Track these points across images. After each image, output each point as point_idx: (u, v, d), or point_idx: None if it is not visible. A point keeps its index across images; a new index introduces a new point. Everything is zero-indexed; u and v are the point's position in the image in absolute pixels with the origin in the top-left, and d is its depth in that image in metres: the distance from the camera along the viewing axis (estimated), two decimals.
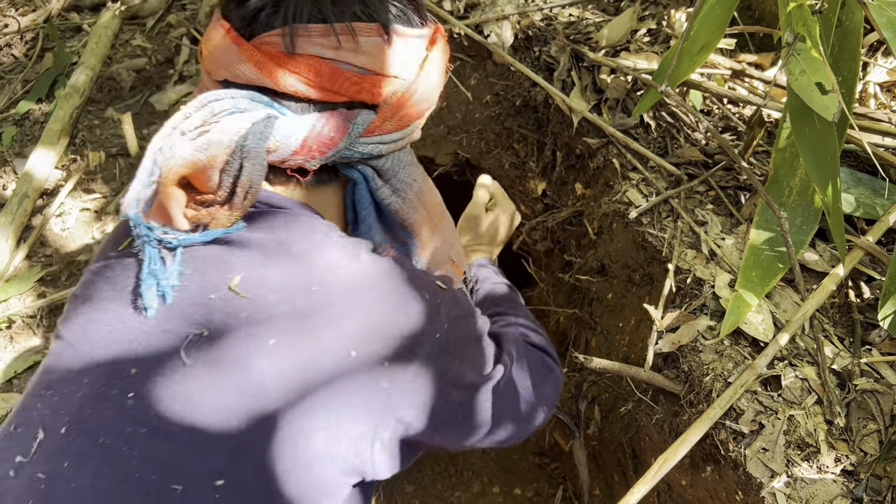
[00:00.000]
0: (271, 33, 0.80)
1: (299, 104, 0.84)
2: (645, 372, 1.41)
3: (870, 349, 1.29)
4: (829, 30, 1.30)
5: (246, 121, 0.78)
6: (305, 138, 0.82)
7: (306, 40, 0.80)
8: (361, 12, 0.83)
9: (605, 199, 1.74)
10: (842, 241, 1.32)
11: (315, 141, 0.83)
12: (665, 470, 1.18)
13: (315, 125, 0.83)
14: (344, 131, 0.84)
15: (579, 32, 1.99)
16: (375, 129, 0.88)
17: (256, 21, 0.81)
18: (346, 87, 0.84)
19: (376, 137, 0.89)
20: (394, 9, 0.87)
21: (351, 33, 0.82)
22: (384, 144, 0.90)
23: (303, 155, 0.83)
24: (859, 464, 1.13)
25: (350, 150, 0.87)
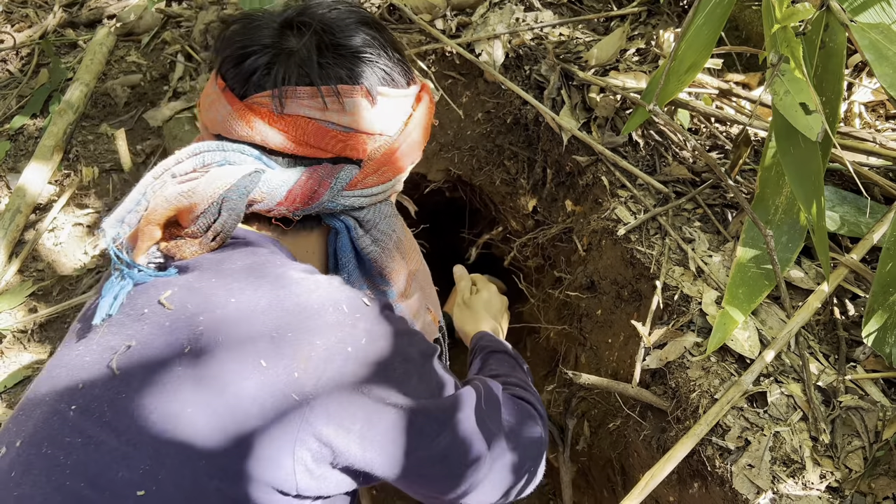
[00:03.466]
0: (262, 94, 0.87)
1: (286, 159, 0.90)
2: (633, 388, 1.42)
3: (854, 366, 1.30)
4: (812, 51, 1.32)
5: (233, 174, 0.84)
6: (290, 191, 0.88)
7: (294, 102, 0.87)
8: (347, 76, 0.89)
9: (595, 216, 1.76)
10: (826, 258, 1.33)
11: (299, 193, 0.88)
12: (652, 486, 1.18)
13: (299, 179, 0.88)
14: (327, 185, 0.90)
15: (569, 52, 2.02)
16: (358, 184, 0.93)
17: (249, 82, 0.87)
18: (332, 145, 0.90)
19: (358, 191, 0.93)
20: (380, 71, 0.92)
21: (336, 95, 0.88)
22: (366, 197, 0.95)
23: (287, 206, 0.88)
24: (844, 480, 1.14)
25: (333, 203, 0.91)
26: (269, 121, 0.87)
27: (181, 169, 0.86)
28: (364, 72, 0.91)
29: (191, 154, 0.87)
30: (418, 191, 2.45)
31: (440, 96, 2.11)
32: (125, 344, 0.76)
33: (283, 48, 0.88)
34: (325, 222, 0.97)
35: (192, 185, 0.83)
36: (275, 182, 0.87)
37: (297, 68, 0.87)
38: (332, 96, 0.88)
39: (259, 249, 0.87)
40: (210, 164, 0.86)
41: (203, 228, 0.83)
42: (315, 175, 0.89)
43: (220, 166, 0.86)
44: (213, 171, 0.85)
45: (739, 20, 1.95)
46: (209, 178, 0.83)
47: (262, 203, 0.87)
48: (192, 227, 0.83)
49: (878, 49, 1.21)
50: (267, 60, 0.87)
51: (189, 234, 0.84)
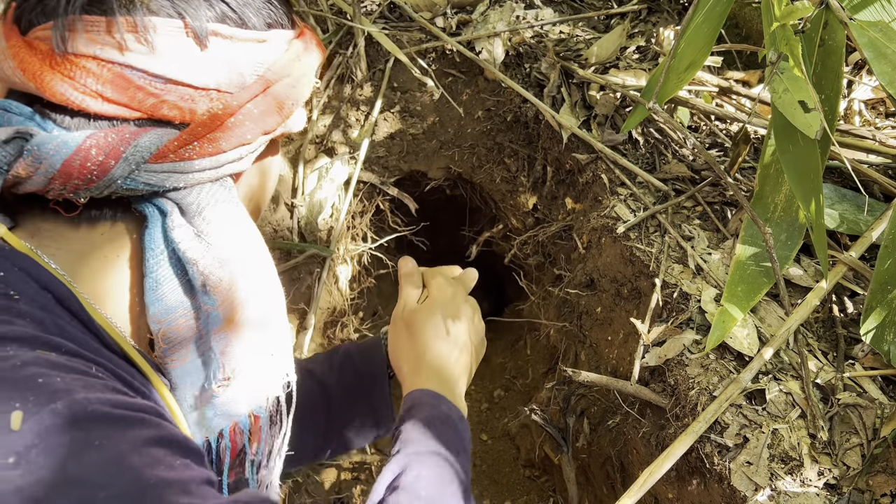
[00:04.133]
0: (44, 27, 0.63)
1: (76, 119, 0.65)
2: (632, 385, 1.42)
3: (853, 363, 1.31)
4: (811, 49, 1.32)
5: None
6: (66, 162, 0.62)
7: (82, 37, 0.63)
8: (163, 6, 0.65)
9: (594, 214, 1.76)
10: (825, 256, 1.33)
11: (78, 166, 0.62)
12: (651, 483, 1.19)
13: (81, 146, 0.62)
14: (119, 153, 0.63)
15: (569, 50, 2.02)
16: (170, 154, 0.66)
17: (34, 11, 0.64)
18: (139, 100, 0.65)
19: (171, 164, 0.67)
20: (221, 4, 0.68)
21: (143, 30, 0.64)
22: (183, 174, 0.68)
23: (62, 182, 0.62)
24: (842, 477, 1.15)
25: (132, 180, 0.65)
26: (51, 62, 0.63)
27: None
28: (192, 2, 0.66)
29: None
30: (418, 188, 2.45)
31: (441, 94, 2.11)
32: None
33: None
34: (134, 207, 0.69)
35: None
36: (46, 149, 0.61)
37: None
38: (134, 31, 0.63)
39: None
40: None
41: None
42: (103, 140, 0.63)
43: None
44: None
45: (739, 18, 1.95)
46: None
47: (32, 180, 0.62)
48: None
49: (876, 47, 1.21)
50: None
51: None
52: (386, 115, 2.19)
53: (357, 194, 2.26)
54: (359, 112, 2.19)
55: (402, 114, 2.20)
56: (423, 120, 2.21)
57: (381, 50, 2.09)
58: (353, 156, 2.17)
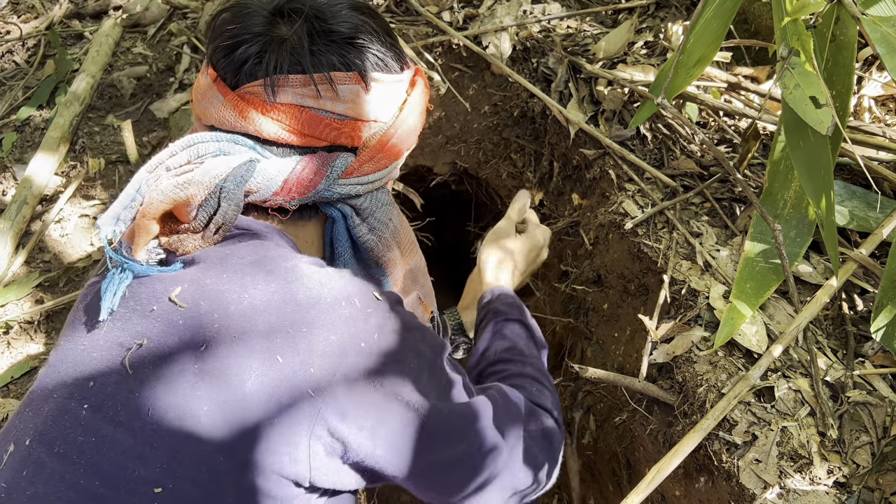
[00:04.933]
0: (254, 83, 0.86)
1: (281, 148, 0.89)
2: (639, 382, 1.41)
3: (863, 361, 1.30)
4: (823, 44, 1.31)
5: (228, 164, 0.83)
6: (286, 181, 0.87)
7: (286, 90, 0.86)
8: (339, 62, 0.88)
9: (602, 210, 1.75)
10: (835, 253, 1.32)
11: (295, 183, 0.87)
12: (658, 480, 1.18)
13: (295, 168, 0.87)
14: (323, 174, 0.89)
15: (577, 44, 2.01)
16: (354, 171, 0.92)
17: (241, 72, 0.86)
18: (326, 133, 0.89)
19: (354, 179, 0.93)
20: (372, 57, 0.91)
21: (329, 83, 0.87)
22: (362, 185, 0.94)
23: (283, 196, 0.88)
24: (852, 476, 1.14)
25: (329, 191, 0.91)
26: (262, 110, 0.86)
27: (175, 161, 0.85)
28: (356, 58, 0.89)
29: (185, 146, 0.86)
30: (424, 184, 2.44)
31: (447, 89, 2.10)
32: (136, 341, 0.75)
33: (275, 36, 0.87)
34: (321, 211, 0.96)
35: (187, 177, 0.82)
36: (270, 172, 0.86)
37: (288, 56, 0.86)
38: (324, 83, 0.87)
39: (265, 242, 0.86)
40: (204, 154, 0.85)
41: (204, 221, 0.83)
42: (311, 164, 0.89)
43: (215, 157, 0.85)
44: (207, 161, 0.84)
45: (748, 13, 1.94)
46: (204, 169, 0.82)
47: (258, 193, 0.86)
48: (192, 221, 0.82)
49: (889, 42, 1.20)
50: (258, 49, 0.86)
51: (191, 229, 0.83)
52: None
53: None
54: None
55: None
56: (428, 114, 2.20)
57: None
58: None
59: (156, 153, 0.99)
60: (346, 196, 0.93)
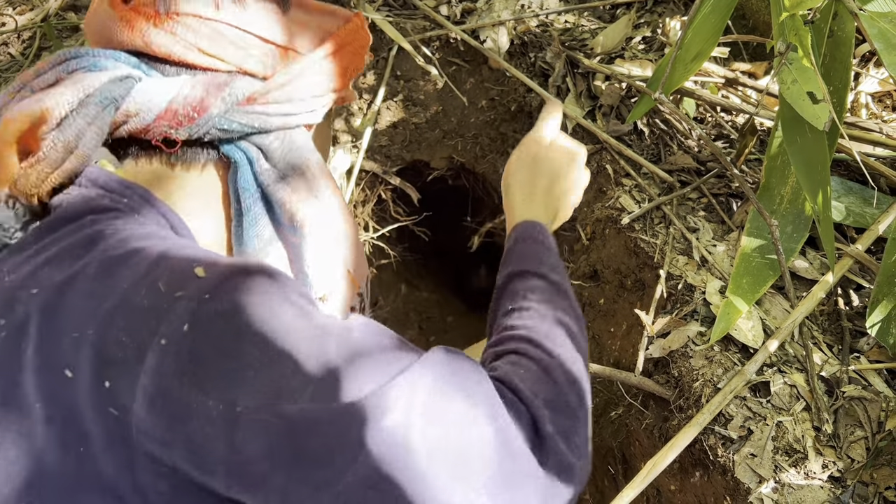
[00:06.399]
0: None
1: (174, 68, 0.74)
2: (635, 377, 1.42)
3: (858, 357, 1.30)
4: (820, 40, 1.31)
5: (99, 78, 0.68)
6: (171, 101, 0.71)
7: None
8: None
9: (598, 205, 1.75)
10: (831, 249, 1.33)
11: (182, 104, 0.72)
12: (654, 475, 1.18)
13: (183, 87, 0.72)
14: (218, 94, 0.73)
15: (575, 39, 2.01)
16: (258, 98, 0.75)
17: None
18: (230, 52, 0.74)
19: (260, 107, 0.76)
20: None
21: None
22: (270, 117, 0.77)
23: (167, 121, 0.72)
24: (846, 470, 1.14)
25: (227, 120, 0.74)
26: (155, 21, 0.72)
27: (42, 81, 0.70)
28: None
29: (55, 62, 0.71)
30: (421, 178, 2.44)
31: (444, 83, 2.10)
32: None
33: None
34: (222, 152, 0.78)
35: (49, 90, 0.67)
36: (154, 90, 0.70)
37: None
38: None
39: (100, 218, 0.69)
40: (76, 70, 0.70)
41: (55, 145, 0.66)
42: (203, 82, 0.73)
43: (88, 72, 0.70)
44: (77, 75, 0.69)
45: (746, 9, 1.94)
46: (69, 81, 0.68)
47: (137, 118, 0.71)
48: (43, 144, 0.66)
49: (886, 38, 1.20)
50: None
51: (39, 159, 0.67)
52: (389, 103, 2.18)
53: (359, 183, 2.25)
54: (361, 100, 2.18)
55: (406, 102, 2.18)
56: (426, 109, 2.20)
57: (385, 38, 2.08)
58: (355, 144, 2.16)
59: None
60: (250, 129, 0.76)
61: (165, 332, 0.58)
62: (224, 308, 0.59)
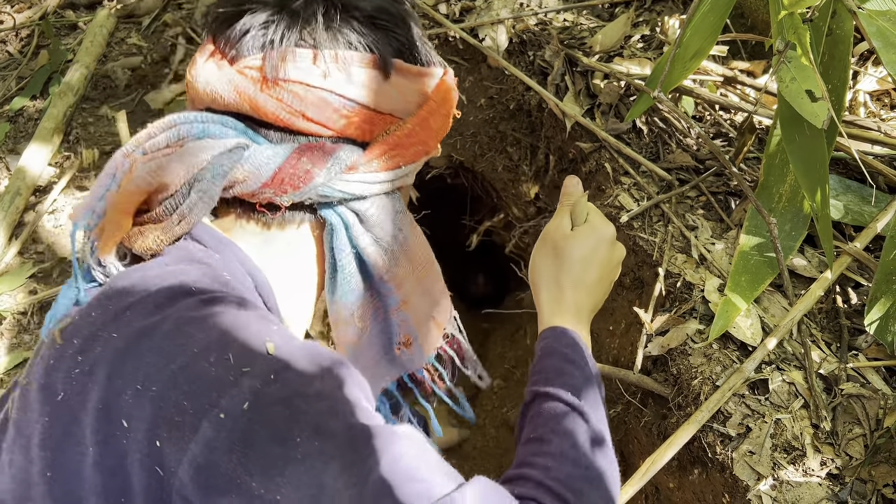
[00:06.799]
0: (256, 57, 0.74)
1: (279, 133, 0.76)
2: (634, 375, 1.42)
3: (856, 354, 1.30)
4: (819, 38, 1.31)
5: (211, 150, 0.71)
6: (279, 169, 0.73)
7: (292, 66, 0.73)
8: (358, 42, 0.76)
9: (597, 204, 1.76)
10: (830, 247, 1.33)
11: (289, 173, 0.74)
12: (653, 472, 1.19)
13: (291, 156, 0.74)
14: (323, 165, 0.75)
15: (573, 37, 2.01)
16: (360, 167, 0.77)
17: (242, 43, 0.74)
18: (333, 120, 0.76)
19: (360, 175, 0.78)
20: (396, 42, 0.79)
21: (343, 62, 0.75)
22: (369, 185, 0.79)
23: (274, 188, 0.74)
24: (845, 467, 1.14)
25: (329, 188, 0.76)
26: (262, 86, 0.73)
27: (154, 144, 0.72)
28: (378, 40, 0.77)
29: (165, 127, 0.73)
30: (419, 177, 2.44)
31: None
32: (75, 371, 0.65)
33: (285, 6, 0.74)
34: (319, 214, 0.80)
35: (162, 161, 0.70)
36: (261, 158, 0.73)
37: (297, 28, 0.74)
38: (337, 62, 0.74)
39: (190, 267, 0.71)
40: (186, 137, 0.73)
41: (169, 211, 0.71)
42: (310, 152, 0.74)
43: (198, 140, 0.72)
44: (188, 145, 0.72)
45: (745, 7, 1.94)
46: (182, 153, 0.70)
47: (245, 184, 0.74)
48: (156, 208, 0.71)
49: (885, 36, 1.20)
50: (264, 19, 0.74)
51: (152, 219, 0.71)
52: None
53: None
54: None
55: None
56: None
57: None
58: None
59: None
60: (349, 196, 0.78)
61: (226, 407, 0.58)
62: (286, 394, 0.60)
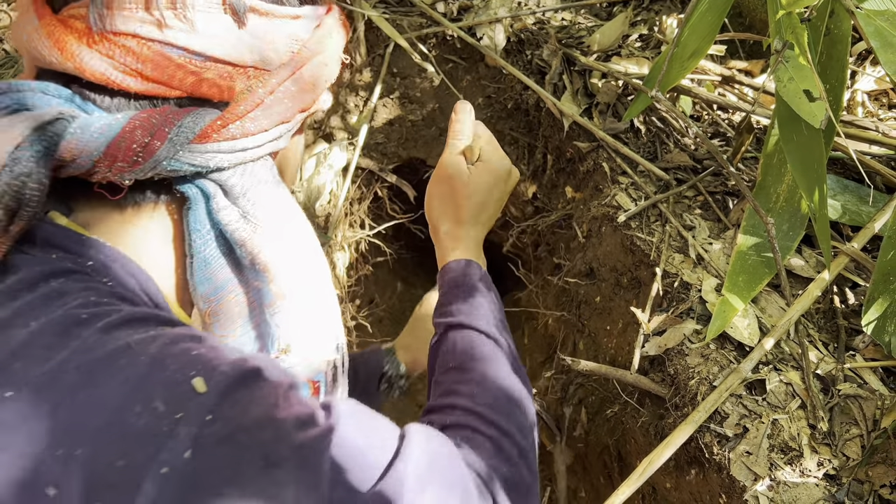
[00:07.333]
0: (79, 4, 0.61)
1: (115, 99, 0.64)
2: (631, 375, 1.42)
3: (854, 355, 1.30)
4: (817, 38, 1.31)
5: (27, 124, 0.58)
6: (110, 144, 0.60)
7: (120, 14, 0.61)
8: None
9: (595, 203, 1.75)
10: (827, 247, 1.33)
11: (123, 148, 0.61)
12: (650, 472, 1.18)
13: (125, 128, 0.61)
14: (164, 135, 0.62)
15: (571, 37, 2.00)
16: (213, 133, 0.65)
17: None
18: (179, 78, 0.64)
19: (215, 144, 0.65)
20: None
21: (182, 7, 0.62)
22: (226, 154, 0.67)
23: (107, 166, 0.61)
24: (842, 468, 1.14)
25: (176, 161, 0.64)
26: (88, 40, 0.61)
27: None
28: None
29: None
30: (417, 176, 2.44)
31: (441, 80, 2.10)
32: None
33: None
34: (175, 188, 0.68)
35: None
36: (90, 131, 0.60)
37: None
38: (175, 8, 0.62)
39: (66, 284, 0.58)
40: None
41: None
42: (147, 120, 0.62)
43: (12, 113, 0.60)
44: (2, 122, 0.58)
45: (743, 7, 1.94)
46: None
47: (76, 163, 0.60)
48: None
49: (883, 36, 1.20)
50: None
51: None
52: (385, 100, 2.18)
53: (355, 181, 2.25)
54: (358, 97, 2.17)
55: (402, 100, 2.18)
56: (422, 106, 2.19)
57: (381, 35, 2.07)
58: (351, 142, 2.16)
59: None
60: (203, 169, 0.66)
61: (166, 460, 0.51)
62: (227, 432, 0.53)
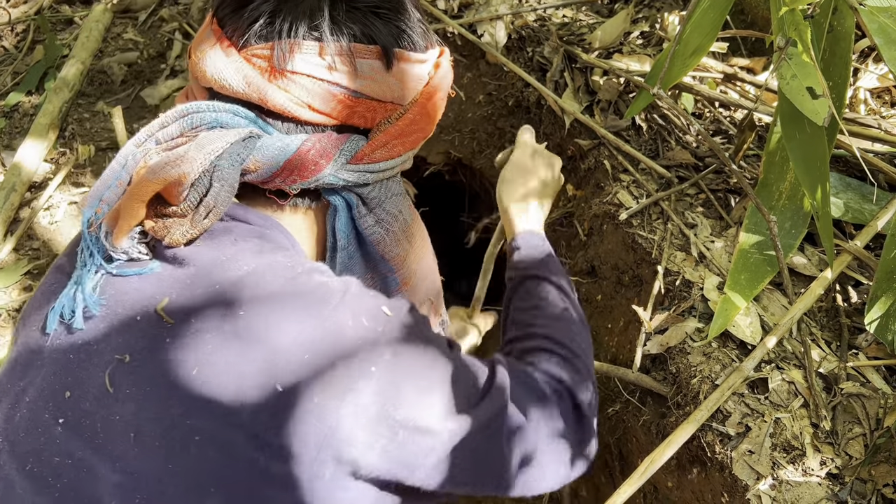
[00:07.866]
0: (263, 46, 0.76)
1: (286, 124, 0.79)
2: (633, 373, 1.41)
3: (856, 353, 1.30)
4: (820, 35, 1.30)
5: (225, 138, 0.73)
6: (288, 161, 0.77)
7: (299, 58, 0.76)
8: (361, 33, 0.78)
9: (596, 201, 1.75)
10: (830, 245, 1.32)
11: (299, 164, 0.78)
12: (651, 471, 1.18)
13: (301, 148, 0.78)
14: (330, 157, 0.80)
15: (573, 34, 2.00)
16: (365, 157, 0.83)
17: (250, 31, 0.76)
18: (338, 111, 0.79)
19: (364, 165, 0.83)
20: (397, 31, 0.81)
21: (348, 55, 0.78)
22: (371, 173, 0.85)
23: (283, 178, 0.79)
24: (844, 467, 1.14)
25: (336, 177, 0.82)
26: (270, 77, 0.76)
27: (166, 134, 0.76)
28: (380, 31, 0.79)
29: (177, 116, 0.76)
30: (418, 174, 2.43)
31: None
32: (116, 355, 0.69)
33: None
34: (324, 198, 0.86)
35: (179, 151, 0.72)
36: (272, 149, 0.76)
37: (305, 20, 0.76)
38: (342, 55, 0.77)
39: (265, 244, 0.78)
40: (199, 126, 0.76)
41: (193, 204, 0.73)
42: (318, 144, 0.78)
43: (211, 129, 0.75)
44: (202, 135, 0.74)
45: (745, 4, 1.93)
46: (199, 144, 0.72)
47: (256, 173, 0.77)
48: (181, 203, 0.73)
49: (886, 33, 1.19)
50: (272, 8, 0.76)
51: (179, 213, 0.73)
52: None
53: None
54: None
55: None
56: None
57: None
58: None
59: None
60: (354, 184, 0.84)
61: (375, 360, 0.71)
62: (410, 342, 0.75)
